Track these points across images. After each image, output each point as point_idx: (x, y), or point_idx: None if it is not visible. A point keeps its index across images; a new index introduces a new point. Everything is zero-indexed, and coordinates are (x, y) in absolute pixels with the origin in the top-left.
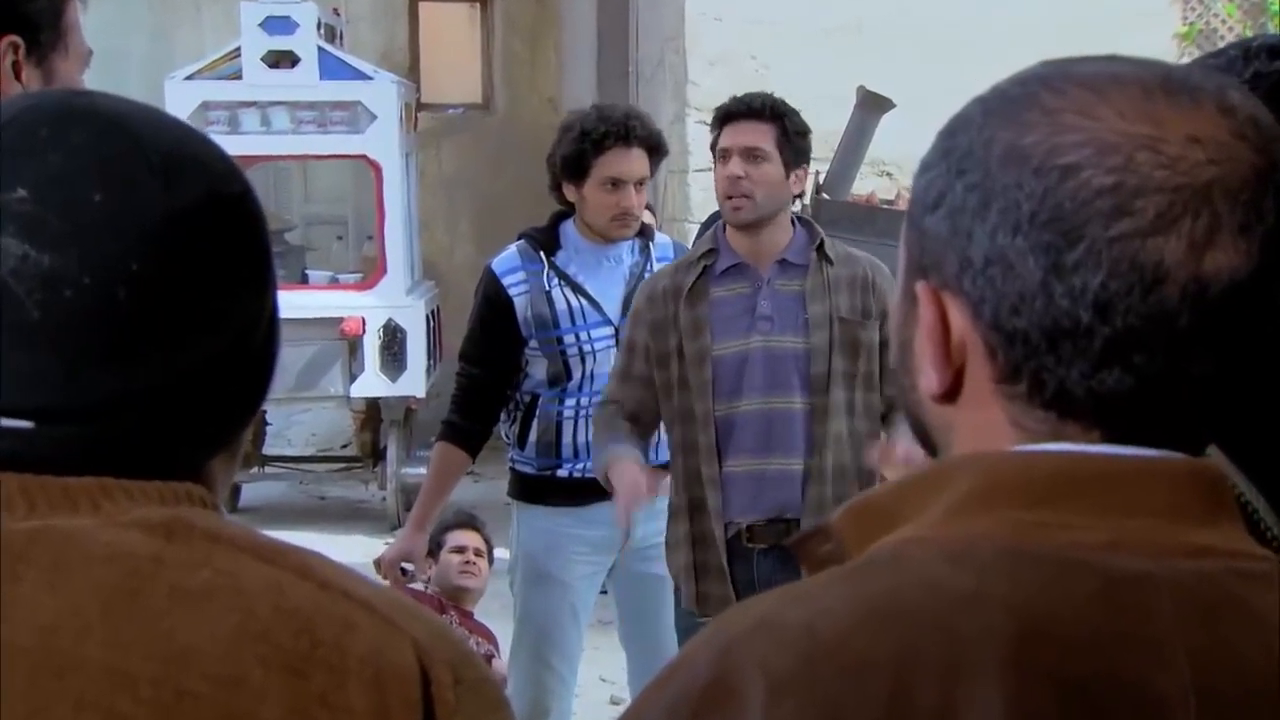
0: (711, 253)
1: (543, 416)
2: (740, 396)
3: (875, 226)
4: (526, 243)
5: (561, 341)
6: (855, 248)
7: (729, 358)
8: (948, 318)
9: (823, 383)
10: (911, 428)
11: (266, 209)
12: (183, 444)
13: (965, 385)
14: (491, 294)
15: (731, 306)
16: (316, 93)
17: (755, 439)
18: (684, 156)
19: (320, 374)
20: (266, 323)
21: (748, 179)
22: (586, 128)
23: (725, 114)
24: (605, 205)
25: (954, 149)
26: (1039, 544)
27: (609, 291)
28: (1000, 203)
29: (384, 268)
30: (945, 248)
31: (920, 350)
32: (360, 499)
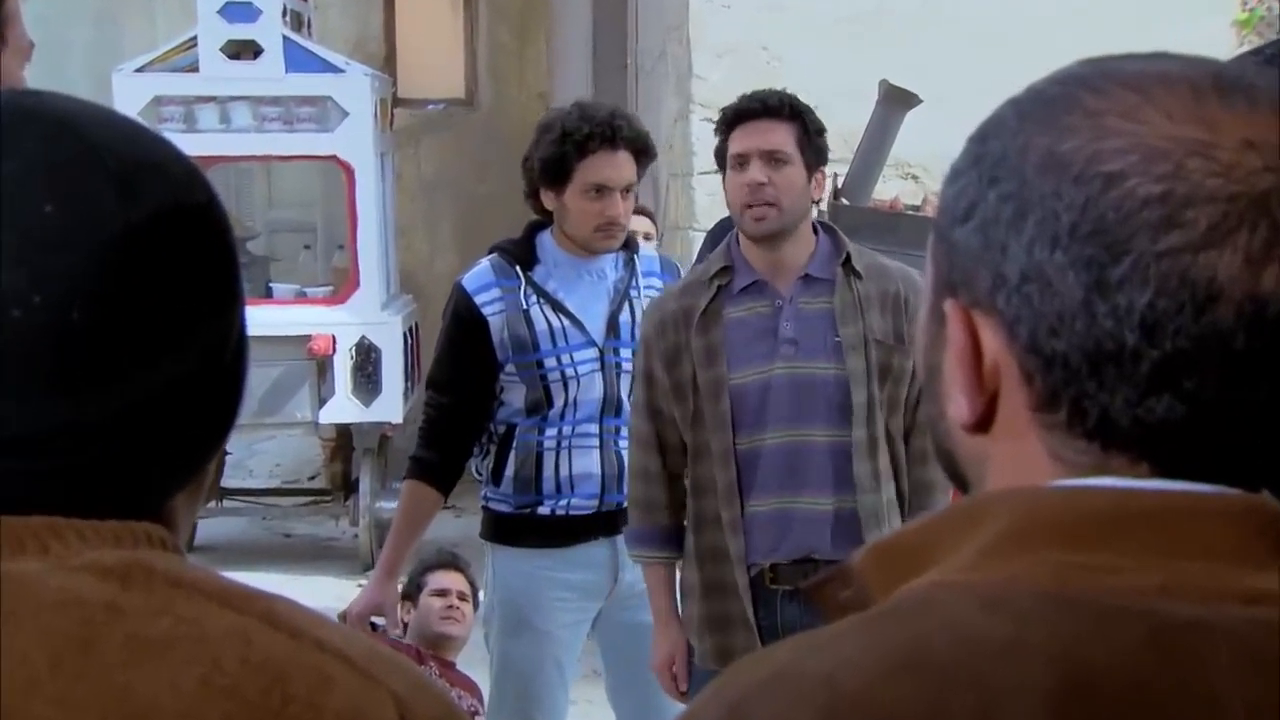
0: (725, 270)
1: (520, 448)
2: (764, 429)
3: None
4: (500, 257)
5: (541, 365)
6: None
7: (749, 387)
8: (979, 339)
9: (865, 413)
10: (939, 460)
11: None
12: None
13: (999, 413)
14: (463, 313)
15: (750, 329)
16: (281, 87)
17: (780, 475)
18: (688, 158)
19: (286, 398)
20: (234, 344)
21: (771, 185)
22: (568, 128)
23: (737, 114)
24: (589, 214)
25: (986, 155)
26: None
27: (592, 309)
28: (1037, 214)
29: (356, 280)
30: (976, 263)
31: (949, 375)
32: (329, 537)
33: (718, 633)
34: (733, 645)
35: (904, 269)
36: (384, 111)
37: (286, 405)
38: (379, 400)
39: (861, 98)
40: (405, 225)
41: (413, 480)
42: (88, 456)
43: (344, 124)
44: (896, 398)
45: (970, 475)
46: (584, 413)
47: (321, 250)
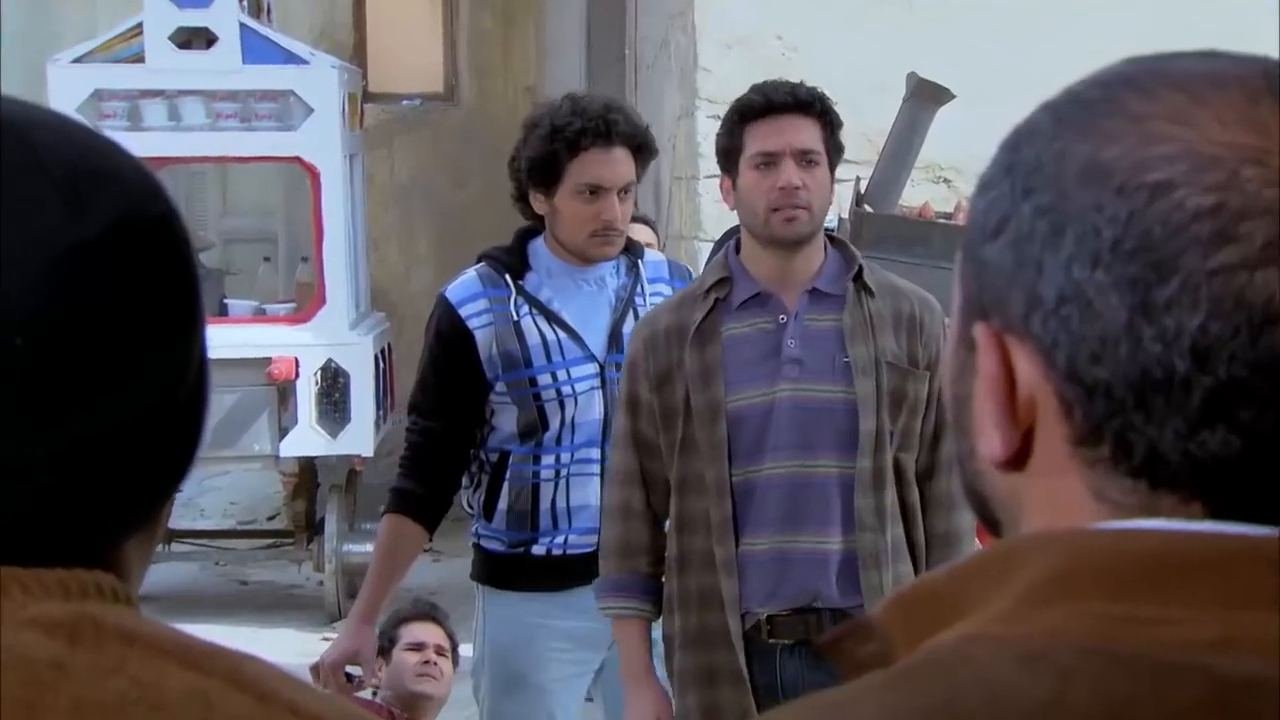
0: (723, 283)
1: (514, 479)
2: (762, 458)
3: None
4: (488, 265)
5: (535, 383)
6: (905, 272)
7: (749, 411)
8: (1013, 367)
9: (872, 442)
10: (969, 501)
11: None
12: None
13: (1035, 449)
14: (447, 328)
15: (751, 347)
16: (238, 80)
17: (780, 511)
18: (693, 160)
19: (242, 428)
20: (194, 373)
21: (805, 188)
22: (558, 123)
23: (765, 107)
24: (582, 218)
25: (1019, 164)
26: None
27: (591, 321)
28: (1076, 228)
29: (322, 296)
30: (1010, 283)
31: (980, 407)
32: (291, 584)
33: (703, 688)
34: (719, 702)
35: (918, 290)
36: (353, 108)
37: (243, 436)
38: (347, 431)
39: (887, 92)
40: (377, 235)
41: (394, 514)
42: (31, 499)
43: (308, 121)
44: (910, 430)
45: (1003, 517)
46: (583, 436)
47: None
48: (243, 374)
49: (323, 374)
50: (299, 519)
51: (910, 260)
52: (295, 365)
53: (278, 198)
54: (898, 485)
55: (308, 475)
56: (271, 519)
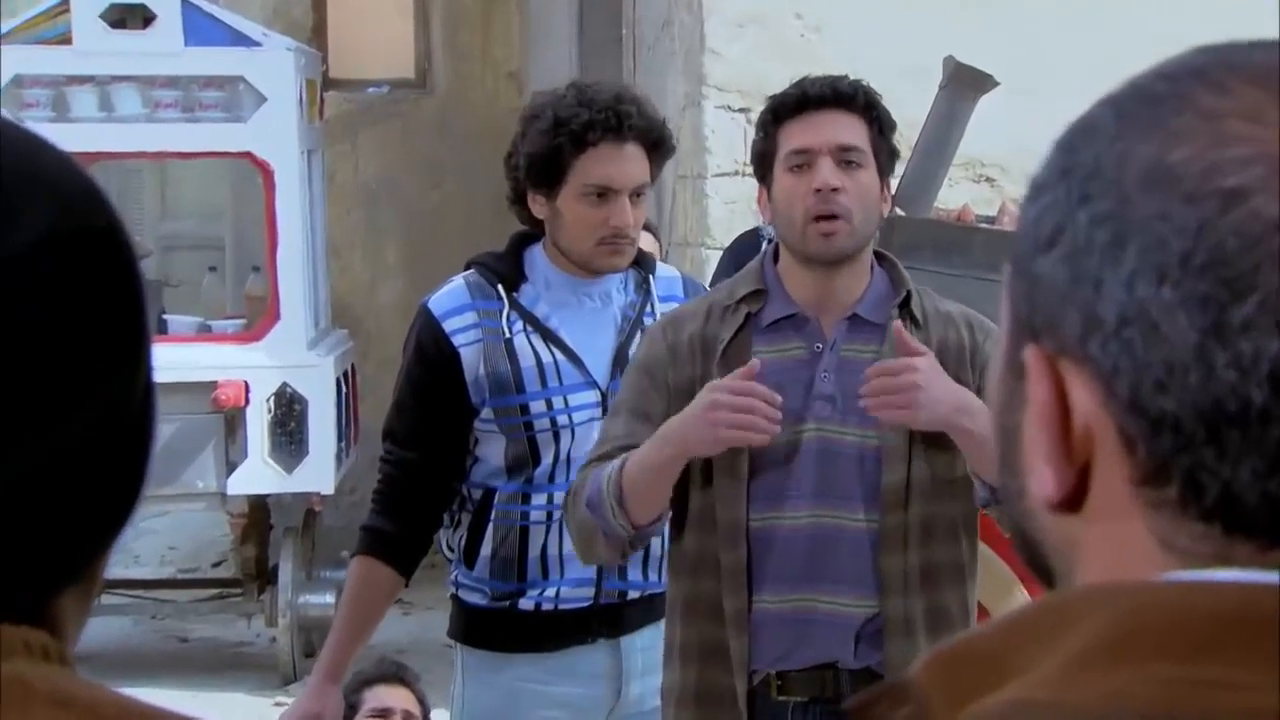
0: (757, 295)
1: (500, 520)
2: (783, 504)
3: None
4: (478, 274)
5: (527, 411)
6: (942, 284)
7: (772, 449)
8: (1068, 396)
9: (897, 496)
10: (1017, 547)
11: None
12: (24, 572)
13: (1093, 488)
14: (429, 345)
15: (780, 376)
16: (180, 64)
17: (801, 565)
18: (699, 156)
19: (183, 462)
20: (139, 399)
21: (845, 191)
22: (562, 116)
23: (800, 101)
24: (590, 223)
25: (1076, 167)
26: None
27: (594, 342)
28: (1140, 240)
29: (276, 311)
30: (1064, 301)
31: (1030, 440)
32: (240, 641)
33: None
34: None
35: (968, 313)
36: (311, 96)
37: (185, 472)
38: (304, 465)
39: (922, 79)
40: (339, 241)
41: (365, 556)
42: None
43: (260, 112)
44: (951, 477)
45: (1057, 565)
46: None
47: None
48: (185, 400)
49: (276, 400)
50: (249, 566)
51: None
52: (245, 390)
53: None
54: (932, 544)
55: (259, 516)
56: (217, 566)
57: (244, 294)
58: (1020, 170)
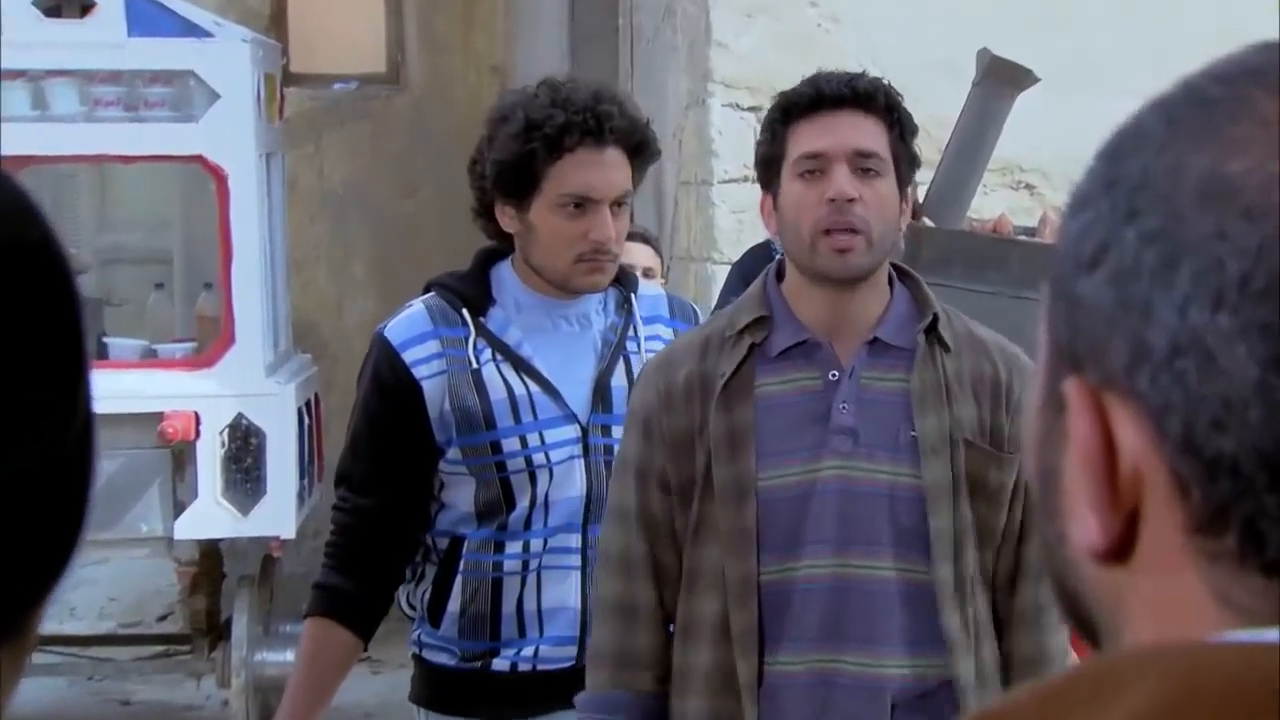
0: (761, 323)
1: (470, 572)
2: (799, 554)
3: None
4: (440, 296)
5: (499, 449)
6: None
7: (785, 492)
8: (1113, 433)
9: (949, 544)
10: (1059, 602)
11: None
12: None
13: (1142, 537)
14: (386, 378)
15: (792, 411)
16: (123, 57)
17: (821, 623)
18: (705, 160)
19: (125, 503)
20: (78, 433)
21: (862, 202)
22: (534, 117)
23: (813, 100)
24: (567, 237)
25: (1122, 178)
26: None
27: (571, 370)
28: (1194, 261)
29: (230, 334)
30: (1110, 328)
31: (1071, 483)
32: (188, 704)
33: None
34: None
35: (1003, 344)
36: (271, 93)
37: (127, 514)
38: (262, 506)
39: (952, 74)
40: (302, 255)
41: (318, 617)
42: None
43: (213, 111)
44: (992, 526)
45: (1101, 622)
46: (559, 518)
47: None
48: (127, 433)
49: (231, 433)
50: (198, 620)
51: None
52: (195, 422)
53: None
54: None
55: (210, 564)
56: (162, 620)
57: (194, 314)
58: (1063, 176)
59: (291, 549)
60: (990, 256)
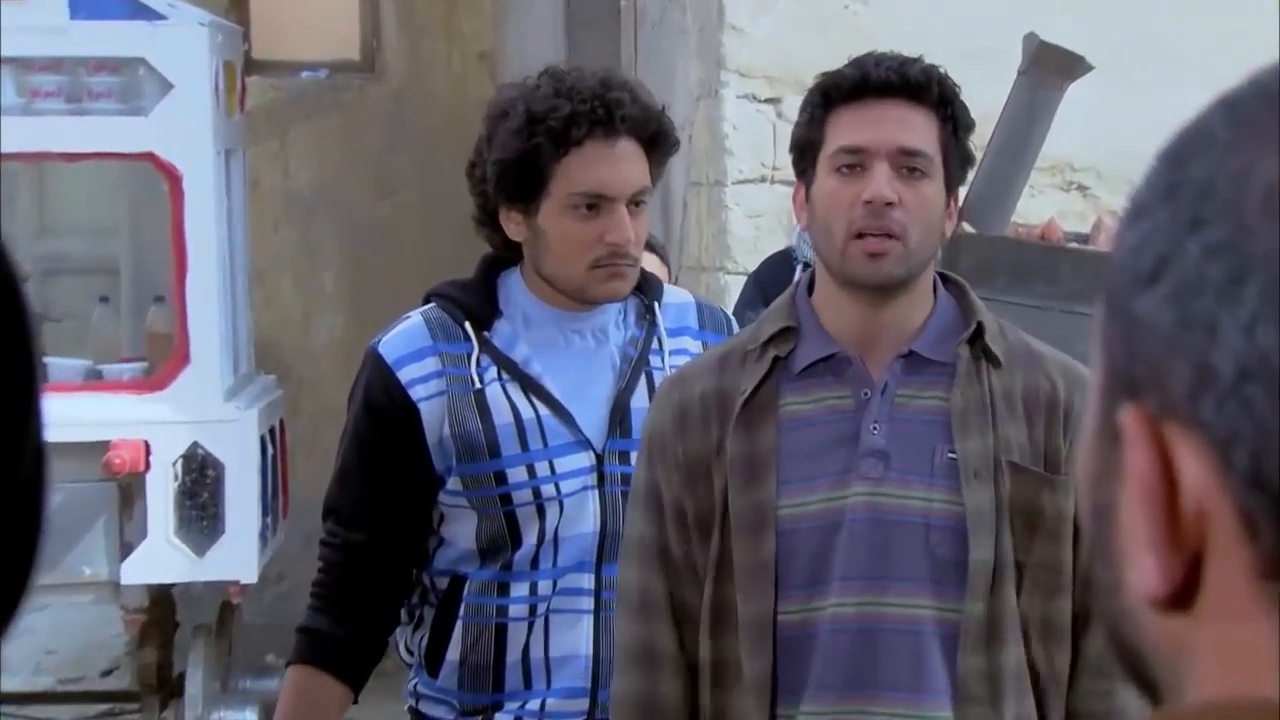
0: (786, 334)
1: (471, 617)
2: (825, 592)
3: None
4: (440, 309)
5: (504, 480)
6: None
7: (808, 523)
8: (1175, 468)
9: (987, 578)
10: (1115, 652)
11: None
12: None
13: (1207, 582)
14: (379, 399)
15: (818, 432)
16: (65, 43)
17: (849, 667)
18: (718, 157)
19: (67, 543)
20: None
21: (901, 207)
22: (537, 110)
23: (858, 85)
24: (581, 242)
25: (1184, 184)
26: None
27: (586, 391)
28: (1264, 276)
29: (185, 353)
30: (1171, 350)
31: (1128, 522)
32: None
33: None
34: None
35: (1063, 359)
36: (230, 82)
37: (68, 555)
38: (220, 547)
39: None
40: (265, 265)
41: (303, 666)
42: None
43: (165, 102)
44: (1052, 561)
45: (1163, 677)
46: (571, 557)
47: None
48: (69, 465)
49: (185, 465)
50: (148, 675)
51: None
52: (144, 452)
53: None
54: (1027, 642)
55: (162, 612)
56: (107, 675)
57: (144, 331)
58: (1120, 176)
59: (253, 595)
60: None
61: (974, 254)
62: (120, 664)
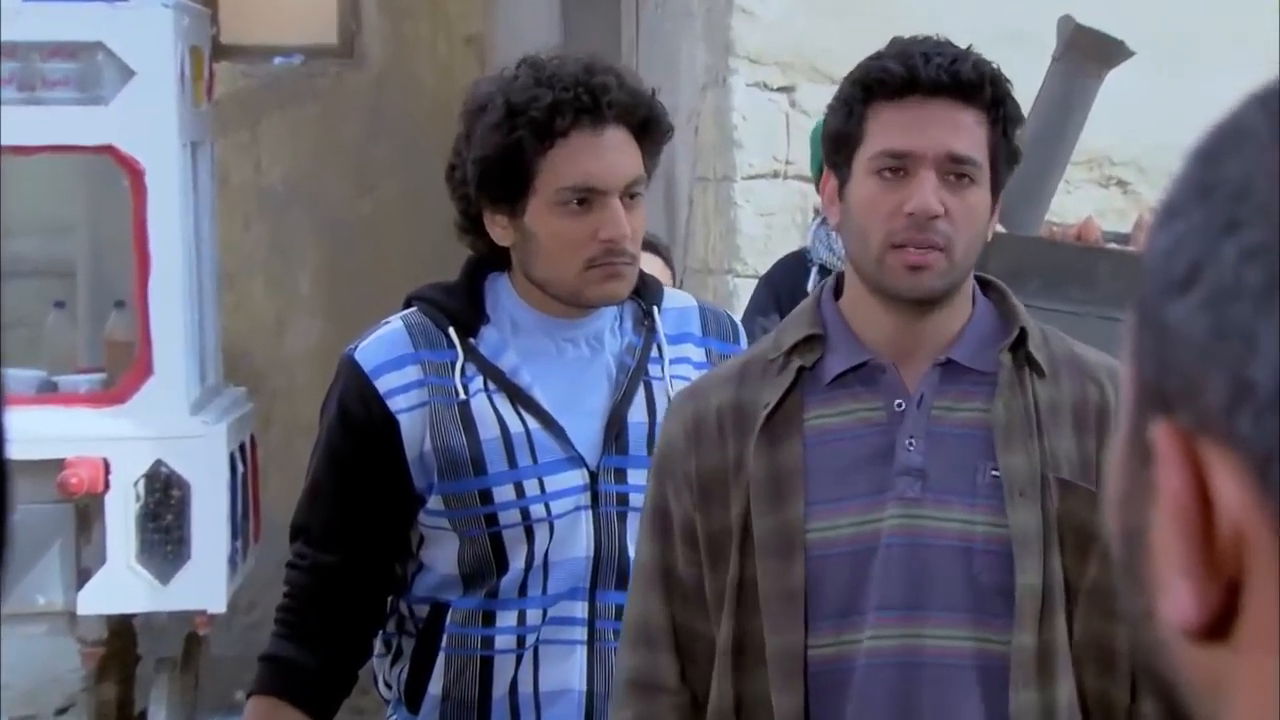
0: (813, 343)
1: (454, 648)
2: (860, 623)
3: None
4: (423, 313)
5: (489, 499)
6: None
7: (840, 547)
8: (1210, 488)
9: (1037, 604)
10: (1147, 684)
11: None
12: None
13: (1245, 610)
14: (355, 410)
15: (849, 447)
16: (17, 26)
17: (888, 707)
18: (726, 151)
19: (19, 570)
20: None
21: (948, 217)
22: (516, 102)
23: (905, 83)
24: (573, 241)
25: (1219, 184)
26: None
27: (580, 403)
28: None
29: (148, 363)
30: (1205, 361)
31: (1161, 546)
32: None
33: None
34: None
35: (1111, 364)
36: (197, 69)
37: (20, 583)
38: (186, 573)
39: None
40: (235, 268)
41: (265, 697)
42: None
43: (127, 91)
44: (1107, 586)
45: (1199, 711)
46: (561, 584)
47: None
48: (22, 485)
49: (148, 485)
50: (107, 711)
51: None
52: (104, 471)
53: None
54: (1080, 674)
55: (122, 644)
56: (63, 713)
57: (103, 339)
58: (1163, 171)
59: (221, 626)
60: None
61: (1004, 255)
62: (77, 701)
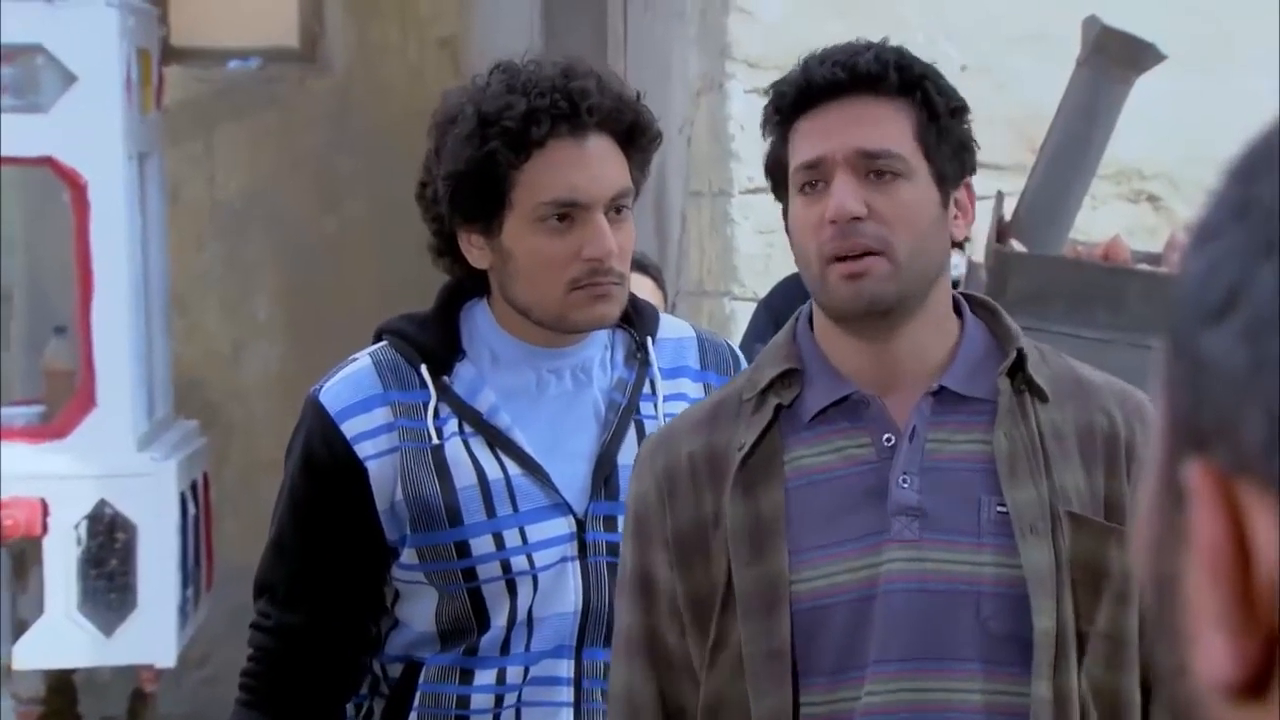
0: (790, 378)
1: (428, 708)
2: (857, 679)
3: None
4: (392, 349)
5: (467, 552)
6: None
7: (832, 597)
8: (1248, 533)
9: (1051, 650)
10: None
11: None
12: None
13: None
14: (321, 455)
15: (837, 488)
16: None
17: None
18: (722, 163)
19: None
20: None
21: (873, 218)
22: (488, 111)
23: (804, 91)
24: (554, 259)
25: (1256, 203)
26: None
27: (565, 444)
28: None
29: (90, 395)
30: (1242, 396)
31: (1196, 597)
32: None
33: None
34: None
35: (1119, 386)
36: (145, 74)
37: None
38: (131, 624)
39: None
40: (186, 290)
41: None
42: None
43: (68, 98)
44: (1118, 631)
45: None
46: (546, 640)
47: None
48: None
49: (90, 527)
50: None
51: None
52: (42, 512)
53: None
54: None
55: (62, 702)
56: None
57: (41, 368)
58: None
59: (170, 682)
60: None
61: (1025, 277)
62: None
